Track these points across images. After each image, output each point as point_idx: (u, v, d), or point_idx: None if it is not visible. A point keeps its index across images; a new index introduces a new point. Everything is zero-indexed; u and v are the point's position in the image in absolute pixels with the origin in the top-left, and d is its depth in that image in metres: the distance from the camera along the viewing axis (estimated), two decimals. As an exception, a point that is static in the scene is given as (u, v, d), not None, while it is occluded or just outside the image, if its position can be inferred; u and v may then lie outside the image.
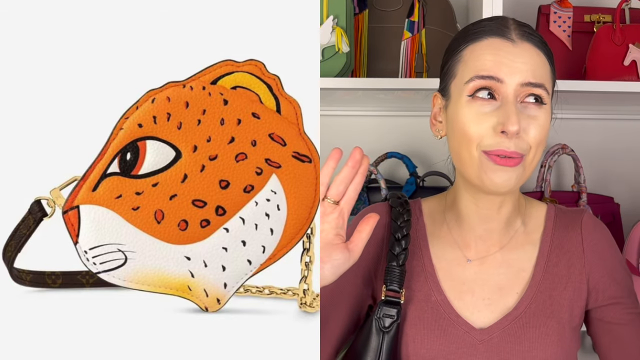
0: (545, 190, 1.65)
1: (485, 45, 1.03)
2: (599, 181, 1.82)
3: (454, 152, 1.06)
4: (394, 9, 1.63)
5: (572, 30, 1.68)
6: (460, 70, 1.04)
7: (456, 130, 1.03)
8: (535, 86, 1.01)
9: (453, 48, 1.07)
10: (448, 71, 1.07)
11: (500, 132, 0.99)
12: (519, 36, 1.03)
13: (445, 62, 1.09)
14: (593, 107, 1.81)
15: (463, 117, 1.02)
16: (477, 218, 1.09)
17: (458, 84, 1.04)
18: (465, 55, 1.04)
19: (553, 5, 1.68)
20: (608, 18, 1.66)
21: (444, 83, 1.08)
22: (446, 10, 1.66)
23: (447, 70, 1.07)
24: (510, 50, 1.02)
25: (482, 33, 1.04)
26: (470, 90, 1.01)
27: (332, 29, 1.48)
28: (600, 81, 1.53)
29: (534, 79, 1.01)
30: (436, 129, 1.09)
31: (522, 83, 1.00)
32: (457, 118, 1.02)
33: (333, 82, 1.47)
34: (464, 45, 1.05)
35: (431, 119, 1.10)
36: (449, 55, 1.08)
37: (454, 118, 1.04)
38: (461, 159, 1.03)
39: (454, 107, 1.04)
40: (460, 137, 1.02)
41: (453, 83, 1.05)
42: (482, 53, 1.02)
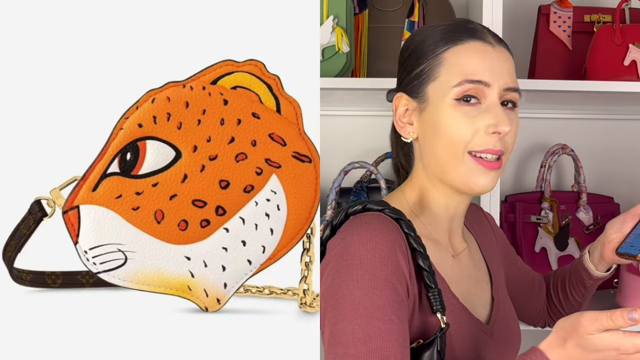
0: (545, 190, 1.65)
1: (470, 48, 1.03)
2: (599, 181, 1.82)
3: (432, 154, 1.05)
4: (394, 9, 1.63)
5: (572, 30, 1.68)
6: (444, 72, 1.03)
7: (439, 133, 1.03)
8: (514, 90, 1.04)
9: (429, 50, 1.05)
10: (424, 73, 1.05)
11: (492, 133, 1.01)
12: (495, 40, 1.05)
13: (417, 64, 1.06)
14: (593, 107, 1.81)
15: (449, 120, 1.02)
16: (451, 216, 1.09)
17: (440, 87, 1.03)
18: (448, 58, 1.03)
19: (553, 5, 1.68)
20: (608, 18, 1.66)
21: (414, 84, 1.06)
22: (446, 10, 1.66)
23: (423, 72, 1.05)
24: (493, 54, 1.03)
25: (463, 36, 1.04)
26: (458, 93, 1.01)
27: (332, 29, 1.48)
28: (600, 81, 1.53)
29: (512, 83, 1.04)
30: (406, 131, 1.07)
31: (505, 87, 1.03)
32: (441, 121, 1.02)
33: (333, 82, 1.47)
34: (444, 48, 1.04)
35: (397, 121, 1.08)
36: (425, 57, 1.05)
37: (435, 120, 1.03)
38: (443, 162, 1.03)
39: (435, 109, 1.03)
40: (445, 140, 1.02)
41: (432, 85, 1.04)
42: (469, 56, 1.03)
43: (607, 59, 1.55)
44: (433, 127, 1.03)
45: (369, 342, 0.89)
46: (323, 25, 1.47)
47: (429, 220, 1.08)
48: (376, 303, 0.91)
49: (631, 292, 1.49)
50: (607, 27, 1.58)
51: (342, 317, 0.91)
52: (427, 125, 1.05)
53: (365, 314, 0.90)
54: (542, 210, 1.65)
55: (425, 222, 1.08)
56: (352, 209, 1.02)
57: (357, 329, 0.89)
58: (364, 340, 0.89)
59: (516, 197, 1.68)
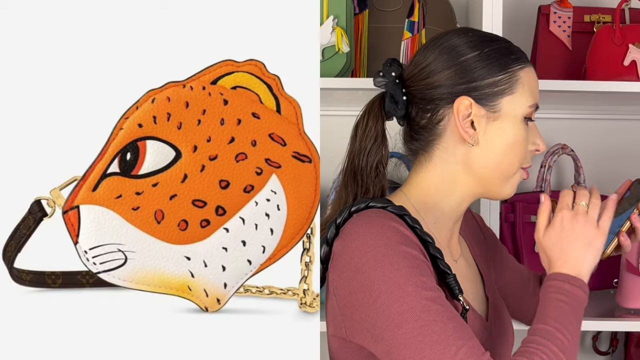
0: (545, 190, 1.65)
1: (533, 73, 1.09)
2: (599, 181, 1.82)
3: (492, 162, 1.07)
4: (394, 9, 1.63)
5: (572, 30, 1.68)
6: (520, 90, 1.06)
7: (508, 144, 1.06)
8: None
9: (505, 63, 1.07)
10: (501, 85, 1.06)
11: (534, 151, 1.10)
12: None
13: (491, 74, 1.06)
14: (593, 107, 1.81)
15: (520, 137, 1.07)
16: (455, 219, 1.11)
17: (517, 103, 1.06)
18: (523, 78, 1.07)
19: (553, 5, 1.68)
20: (608, 18, 1.66)
21: (486, 92, 1.06)
22: (446, 10, 1.66)
23: (500, 84, 1.06)
24: None
25: (525, 58, 1.09)
26: (529, 113, 1.07)
27: (332, 29, 1.48)
28: (600, 81, 1.53)
29: None
30: (470, 136, 1.06)
31: None
32: (514, 134, 1.06)
33: (333, 82, 1.47)
34: (518, 66, 1.07)
35: (461, 122, 1.05)
36: (499, 70, 1.06)
37: (509, 133, 1.06)
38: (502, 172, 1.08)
39: (508, 123, 1.06)
40: (512, 152, 1.07)
41: (508, 99, 1.06)
42: (535, 80, 1.09)
43: (607, 59, 1.55)
44: (504, 139, 1.06)
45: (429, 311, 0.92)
46: (323, 25, 1.47)
47: (435, 219, 1.09)
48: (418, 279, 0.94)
49: (631, 292, 1.49)
50: (607, 27, 1.58)
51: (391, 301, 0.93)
52: (495, 136, 1.06)
53: (414, 291, 0.93)
54: (542, 210, 1.65)
55: (429, 222, 1.08)
56: (355, 207, 1.03)
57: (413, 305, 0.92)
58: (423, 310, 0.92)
59: (516, 197, 1.68)
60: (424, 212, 1.08)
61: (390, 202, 1.02)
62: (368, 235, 0.97)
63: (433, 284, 0.96)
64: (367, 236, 0.97)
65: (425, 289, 0.94)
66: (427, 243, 1.01)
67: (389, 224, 0.98)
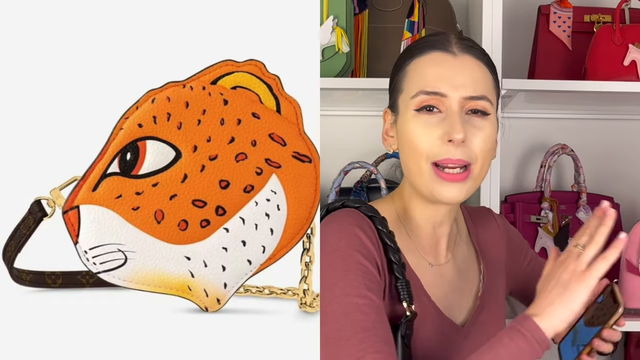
0: (545, 190, 1.65)
1: (428, 60, 1.06)
2: (599, 181, 1.82)
3: (404, 164, 1.09)
4: (394, 9, 1.63)
5: (572, 31, 1.68)
6: (406, 85, 1.07)
7: (405, 143, 1.06)
8: (477, 99, 1.04)
9: (399, 63, 1.10)
10: (395, 86, 1.10)
11: (447, 142, 1.02)
12: (460, 49, 1.06)
13: (392, 78, 1.11)
14: (593, 107, 1.81)
15: (411, 131, 1.05)
16: (431, 224, 1.11)
17: (405, 99, 1.07)
18: (410, 70, 1.07)
19: (553, 5, 1.68)
20: (608, 18, 1.66)
21: (392, 98, 1.11)
22: (446, 10, 1.66)
23: (395, 85, 1.10)
24: (452, 63, 1.05)
25: (425, 47, 1.07)
26: (416, 104, 1.04)
27: (332, 29, 1.48)
28: (600, 81, 1.53)
29: (475, 92, 1.04)
30: (388, 143, 1.11)
31: (465, 96, 1.04)
32: (406, 131, 1.05)
33: (333, 82, 1.47)
34: (409, 60, 1.08)
35: (383, 135, 1.12)
36: (396, 71, 1.10)
37: (403, 131, 1.06)
38: (411, 172, 1.06)
39: (402, 121, 1.07)
40: (410, 150, 1.05)
41: (400, 98, 1.08)
42: (424, 67, 1.06)
43: (607, 59, 1.55)
44: (401, 138, 1.07)
45: (349, 316, 0.95)
46: (323, 25, 1.47)
47: (412, 228, 1.11)
48: (350, 283, 0.97)
49: (631, 292, 1.49)
50: (607, 27, 1.58)
51: (324, 301, 0.97)
52: (399, 137, 1.09)
53: (341, 293, 0.96)
54: (542, 211, 1.65)
55: (409, 230, 1.11)
56: (332, 205, 1.07)
57: (336, 308, 0.96)
58: (344, 314, 0.96)
59: (516, 197, 1.68)
60: (404, 220, 1.11)
61: (364, 203, 1.06)
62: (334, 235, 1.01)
63: (365, 292, 0.97)
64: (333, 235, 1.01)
65: (356, 296, 0.96)
66: (387, 247, 1.03)
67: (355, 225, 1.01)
